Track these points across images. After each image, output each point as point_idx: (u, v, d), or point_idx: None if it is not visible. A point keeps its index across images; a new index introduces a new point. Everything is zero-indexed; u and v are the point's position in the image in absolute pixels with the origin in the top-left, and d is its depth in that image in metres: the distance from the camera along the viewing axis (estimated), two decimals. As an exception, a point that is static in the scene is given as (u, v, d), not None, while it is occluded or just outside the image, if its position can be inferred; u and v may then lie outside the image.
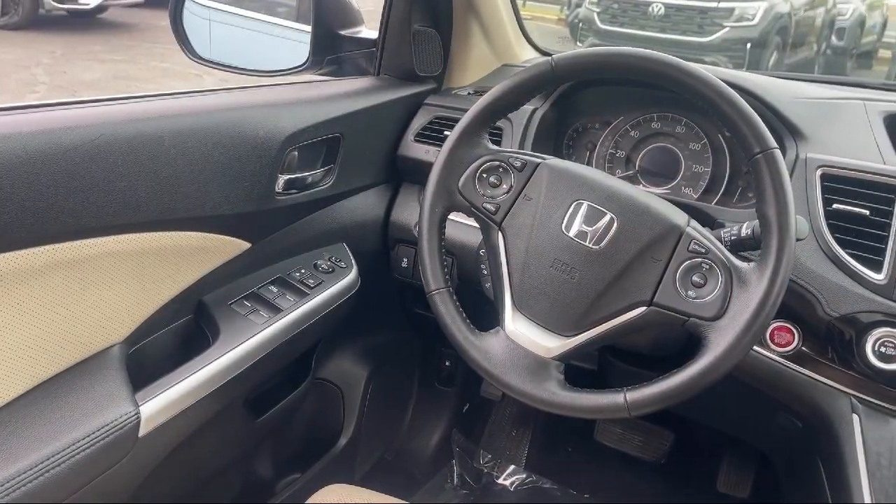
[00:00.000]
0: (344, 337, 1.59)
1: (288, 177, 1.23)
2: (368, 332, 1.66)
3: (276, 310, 1.17)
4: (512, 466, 1.88)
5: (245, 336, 1.11)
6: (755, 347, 1.12)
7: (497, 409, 1.95)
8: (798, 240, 0.94)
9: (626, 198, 0.99)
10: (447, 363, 1.85)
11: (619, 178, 1.35)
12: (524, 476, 1.86)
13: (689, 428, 1.75)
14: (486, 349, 1.01)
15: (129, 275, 1.00)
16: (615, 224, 0.97)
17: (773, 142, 0.91)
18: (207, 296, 1.14)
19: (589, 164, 1.42)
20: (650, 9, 7.67)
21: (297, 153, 1.23)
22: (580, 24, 8.21)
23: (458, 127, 1.05)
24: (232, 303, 1.15)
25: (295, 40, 1.45)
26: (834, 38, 8.40)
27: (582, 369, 1.40)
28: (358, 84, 1.44)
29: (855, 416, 1.04)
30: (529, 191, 1.03)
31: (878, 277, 1.03)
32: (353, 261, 1.34)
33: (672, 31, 7.66)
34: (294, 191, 1.25)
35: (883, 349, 1.01)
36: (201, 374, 1.04)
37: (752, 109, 0.93)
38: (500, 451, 1.90)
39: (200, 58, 1.49)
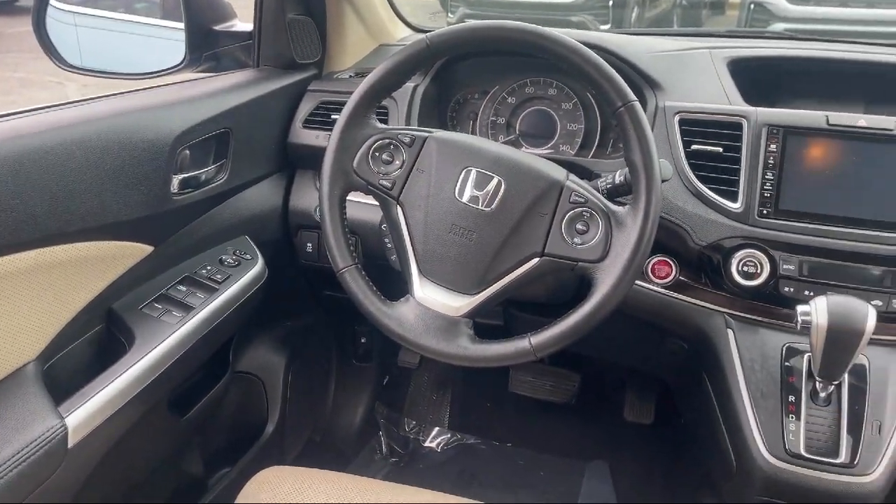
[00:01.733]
0: (258, 328, 1.61)
1: (182, 176, 1.24)
2: (282, 320, 1.69)
3: (187, 308, 1.18)
4: (436, 429, 1.97)
5: (160, 338, 1.12)
6: (640, 282, 1.24)
7: (416, 377, 2.02)
8: (664, 181, 1.05)
9: (509, 160, 1.07)
10: (363, 340, 1.91)
11: (503, 142, 1.44)
12: (449, 436, 1.95)
13: (593, 367, 1.89)
14: (398, 317, 1.07)
15: (35, 291, 1.00)
16: (503, 186, 1.05)
17: (632, 95, 1.01)
18: (116, 303, 1.15)
19: (473, 132, 1.50)
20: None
21: (188, 152, 1.24)
22: (449, -3, 8.26)
23: (345, 110, 1.09)
24: (142, 307, 1.16)
25: (170, 39, 1.44)
26: (688, -10, 8.80)
27: (491, 325, 1.49)
28: (240, 77, 1.45)
29: (729, 331, 1.18)
30: (421, 164, 1.09)
31: (735, 206, 1.16)
32: (257, 252, 1.37)
33: (540, -9, 7.81)
34: (190, 189, 1.26)
35: (745, 268, 1.14)
36: (122, 379, 1.05)
37: (610, 67, 1.02)
38: (424, 416, 1.98)
39: (70, 65, 1.44)
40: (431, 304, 1.06)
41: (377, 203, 1.12)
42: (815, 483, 1.05)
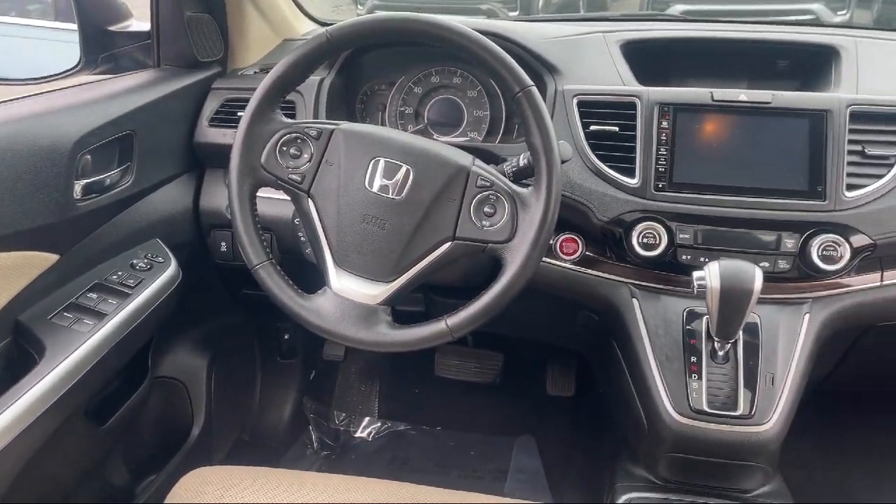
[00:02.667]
0: (177, 331, 1.59)
1: (85, 182, 1.21)
2: (201, 322, 1.67)
3: (99, 316, 1.16)
4: (366, 419, 1.99)
5: (72, 347, 1.10)
6: (549, 259, 1.29)
7: (342, 369, 2.04)
8: (564, 161, 1.10)
9: (416, 149, 1.09)
10: (286, 336, 1.90)
11: (412, 132, 1.47)
12: (379, 425, 1.98)
13: (514, 346, 1.95)
14: (316, 309, 1.08)
15: (-67, 308, 0.96)
16: (411, 174, 1.07)
17: (529, 80, 1.05)
18: (23, 314, 1.11)
19: (382, 123, 1.52)
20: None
21: (89, 157, 1.21)
22: (356, -14, 8.20)
23: (249, 106, 1.10)
24: (52, 317, 1.13)
25: (64, 41, 1.40)
26: (592, -25, 9.00)
27: (412, 312, 1.52)
28: (140, 78, 1.42)
29: (634, 301, 1.25)
30: (329, 156, 1.10)
31: (633, 182, 1.23)
32: (170, 255, 1.35)
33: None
34: (94, 195, 1.24)
35: (645, 240, 1.21)
36: (33, 392, 1.02)
37: (506, 54, 1.06)
38: (353, 407, 2.00)
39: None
40: (348, 294, 1.08)
41: (289, 198, 1.13)
42: (719, 435, 1.13)
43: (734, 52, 1.49)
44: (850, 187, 1.17)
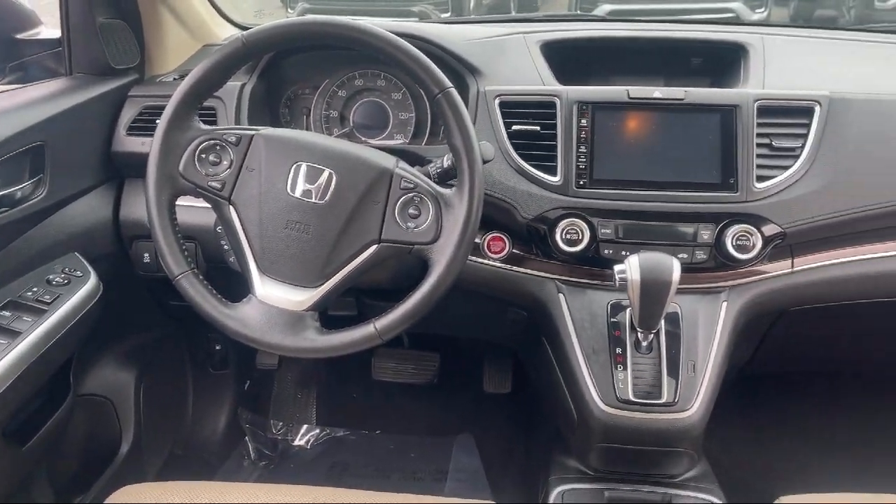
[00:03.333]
0: (101, 346, 1.54)
1: (-7, 195, 1.17)
2: (127, 336, 1.62)
3: (13, 334, 1.12)
4: (304, 427, 1.97)
5: None
6: (477, 259, 1.31)
7: (278, 377, 2.01)
8: (486, 161, 1.12)
9: (339, 152, 1.09)
10: (217, 347, 1.87)
11: (337, 135, 1.46)
12: (318, 432, 1.96)
13: (450, 346, 1.96)
14: (242, 317, 1.07)
15: None
16: (334, 178, 1.07)
17: (448, 82, 1.06)
18: None
19: (308, 128, 1.51)
20: (351, -33, 7.74)
21: (-3, 169, 1.17)
22: (286, -14, 8.10)
23: (165, 114, 1.07)
24: (-38, 338, 1.09)
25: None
26: (525, -26, 9.10)
27: (345, 316, 1.51)
28: (52, 87, 1.37)
29: (561, 296, 1.27)
30: (250, 162, 1.09)
31: (555, 180, 1.25)
32: (89, 268, 1.31)
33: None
34: (4, 209, 1.19)
35: (568, 236, 1.23)
36: (-56, 416, 0.98)
37: (424, 56, 1.07)
38: (290, 416, 1.98)
39: None
40: (274, 301, 1.07)
41: (210, 206, 1.11)
42: (645, 424, 1.16)
43: (651, 50, 1.53)
44: (760, 178, 1.22)
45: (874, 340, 1.51)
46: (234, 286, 1.16)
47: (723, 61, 1.46)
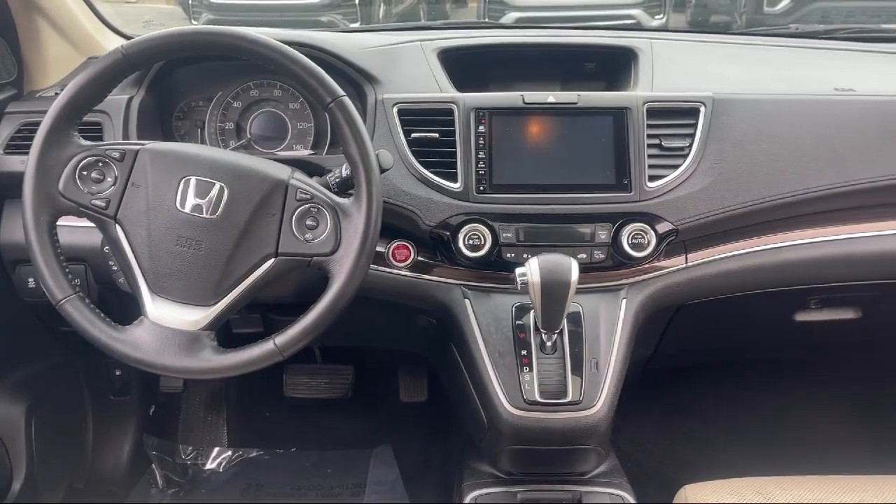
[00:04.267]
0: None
1: None
2: (16, 367, 1.53)
3: None
4: (216, 449, 1.90)
5: None
6: (383, 268, 1.30)
7: (185, 400, 1.94)
8: (386, 169, 1.11)
9: (230, 165, 1.06)
10: (118, 372, 1.78)
11: (234, 148, 1.42)
12: (230, 454, 1.90)
13: (364, 357, 1.94)
14: (133, 341, 1.03)
15: None
16: (226, 191, 1.04)
17: (339, 91, 1.05)
18: None
19: (203, 141, 1.46)
20: (257, -26, 7.61)
21: None
22: (190, 1, 7.89)
23: (40, 131, 1.02)
24: None
25: None
26: (430, -16, 9.15)
27: (252, 334, 1.47)
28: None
29: (466, 301, 1.28)
30: (136, 178, 1.05)
31: (456, 186, 1.25)
32: None
33: (283, -6, 7.73)
34: None
35: (471, 241, 1.24)
36: None
37: (315, 65, 1.05)
38: (200, 439, 1.91)
39: None
40: (167, 322, 1.03)
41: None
42: (552, 423, 1.17)
43: (547, 56, 1.56)
44: (652, 178, 1.25)
45: (767, 329, 1.58)
46: (128, 308, 1.11)
47: (615, 65, 1.50)
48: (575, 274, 1.11)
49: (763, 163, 1.29)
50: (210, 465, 1.87)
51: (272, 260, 1.05)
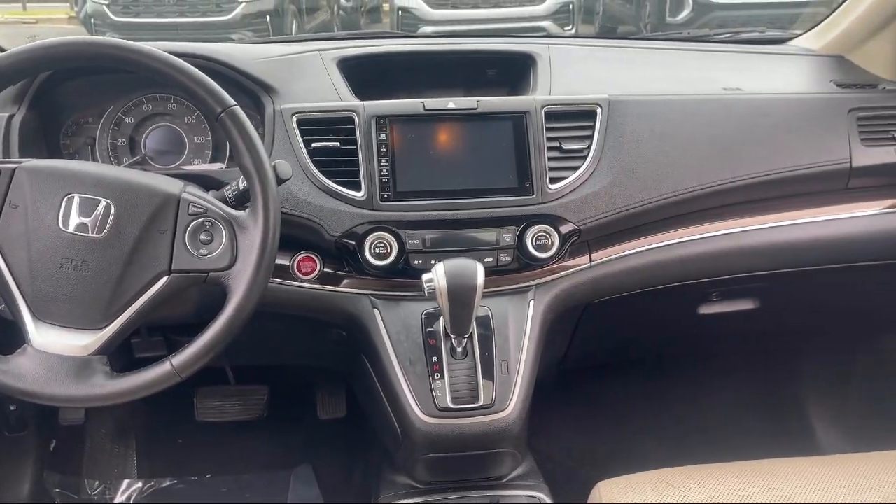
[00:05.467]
0: None
1: None
2: None
3: None
4: (125, 482, 1.82)
5: None
6: (288, 281, 1.27)
7: (88, 432, 1.84)
8: (284, 180, 1.09)
9: (116, 180, 1.01)
10: (12, 407, 1.68)
11: (128, 164, 1.37)
12: (141, 485, 1.81)
13: (279, 376, 1.89)
14: (16, 371, 0.97)
15: None
16: (112, 208, 1.00)
17: (230, 100, 1.02)
18: None
19: (94, 159, 1.40)
20: (159, -7, 7.43)
21: None
22: (93, 20, 7.62)
23: None
24: None
25: None
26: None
27: (155, 357, 1.41)
28: None
29: (376, 311, 1.26)
30: (13, 198, 0.99)
31: (359, 195, 1.24)
32: None
33: (191, 13, 7.57)
34: None
35: (377, 250, 1.22)
36: None
37: (203, 75, 1.02)
38: (108, 472, 1.81)
39: None
40: (54, 349, 0.97)
41: None
42: (466, 429, 1.17)
43: (450, 64, 1.57)
44: (553, 180, 1.27)
45: (673, 324, 1.62)
46: (11, 337, 1.05)
47: (516, 71, 1.52)
48: (481, 277, 1.11)
49: (659, 161, 1.33)
50: (119, 499, 1.78)
51: (166, 277, 1.01)
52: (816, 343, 1.86)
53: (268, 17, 7.78)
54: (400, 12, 7.81)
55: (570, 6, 7.65)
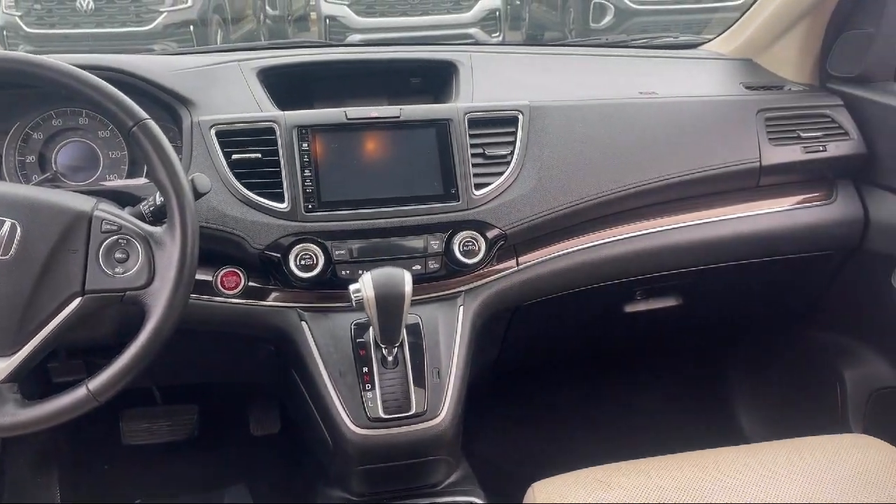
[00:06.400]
0: None
1: None
2: None
3: None
4: (48, 513, 1.73)
5: None
6: (212, 297, 1.24)
7: (7, 462, 1.75)
8: (202, 193, 1.06)
9: (21, 199, 0.97)
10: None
11: (37, 182, 1.31)
12: (65, 516, 1.73)
13: (209, 394, 1.84)
14: None
15: None
16: (18, 229, 0.96)
17: (142, 114, 0.99)
18: None
19: (0, 178, 1.34)
20: (77, 4, 7.16)
21: None
22: (5, 32, 7.30)
23: None
24: None
25: None
26: (269, 8, 9.02)
27: (73, 381, 1.36)
28: None
29: (304, 323, 1.24)
30: None
31: (283, 206, 1.22)
32: None
33: (110, 24, 7.32)
34: None
35: (303, 262, 1.21)
36: None
37: (113, 88, 0.99)
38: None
39: None
40: (-44, 378, 0.92)
41: None
42: (398, 438, 1.16)
43: (374, 73, 1.57)
44: (478, 186, 1.28)
45: (601, 323, 1.66)
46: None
47: (439, 79, 1.52)
48: (409, 286, 1.11)
49: (581, 164, 1.35)
50: (42, 532, 1.70)
51: (79, 299, 0.97)
52: (738, 336, 1.93)
53: (191, 28, 7.59)
54: (327, 21, 7.75)
55: (497, 13, 7.74)
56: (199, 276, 1.20)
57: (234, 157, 1.24)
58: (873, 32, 1.49)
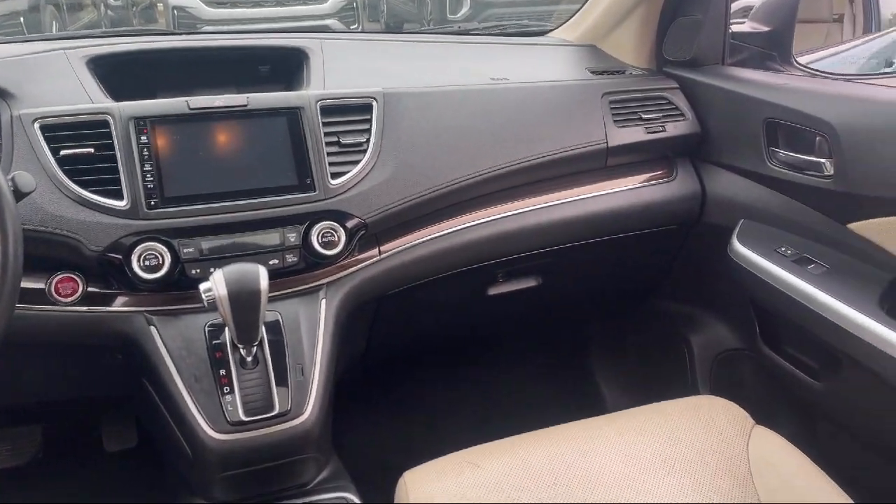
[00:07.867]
0: None
1: None
2: None
3: None
4: None
5: None
6: (46, 306, 1.14)
7: None
8: (25, 193, 0.97)
9: None
10: None
11: None
12: None
13: (53, 412, 1.69)
14: None
15: None
16: None
17: None
18: None
19: None
20: None
21: None
22: None
23: None
24: None
25: None
26: (108, -1, 8.44)
27: None
28: None
29: (152, 328, 1.16)
30: None
31: (122, 204, 1.14)
32: None
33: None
34: None
35: (147, 262, 1.13)
36: None
37: None
38: None
39: None
40: None
41: None
42: (261, 440, 1.12)
43: (220, 62, 1.49)
44: (334, 175, 1.25)
45: (466, 308, 1.67)
46: None
47: (289, 68, 1.48)
48: (264, 281, 1.07)
49: (437, 151, 1.35)
50: None
51: None
52: (596, 311, 2.02)
53: (21, 18, 6.97)
54: (175, 11, 7.35)
55: (354, 4, 7.66)
56: (27, 284, 1.10)
57: (63, 153, 1.14)
58: (701, 19, 1.59)
